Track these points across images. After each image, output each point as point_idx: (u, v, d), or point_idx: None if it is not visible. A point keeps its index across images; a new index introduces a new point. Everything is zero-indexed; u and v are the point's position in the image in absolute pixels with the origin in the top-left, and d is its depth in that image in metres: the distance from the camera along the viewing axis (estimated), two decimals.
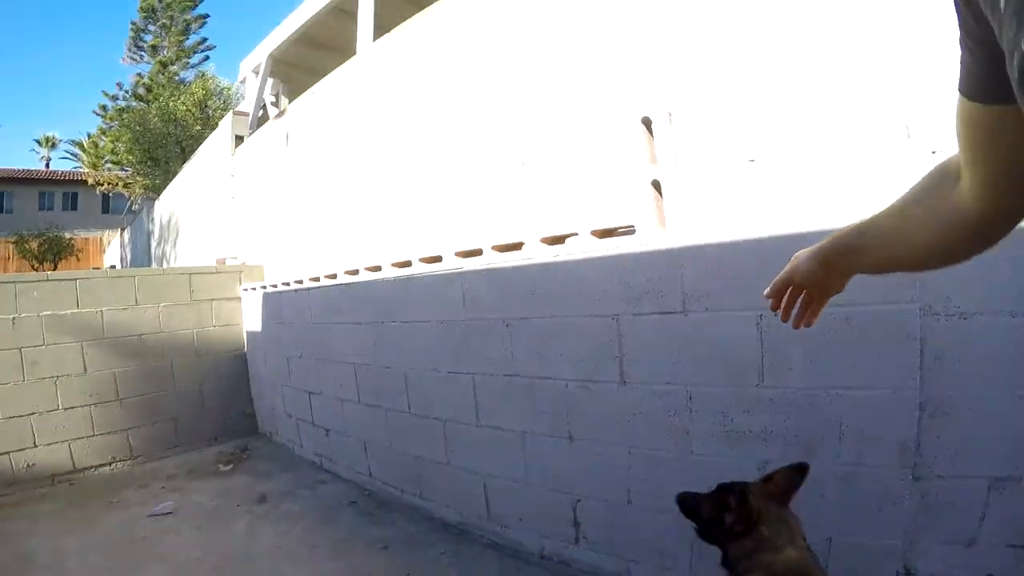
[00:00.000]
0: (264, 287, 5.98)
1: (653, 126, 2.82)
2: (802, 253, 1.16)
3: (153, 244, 14.29)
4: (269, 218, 7.11)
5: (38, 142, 43.19)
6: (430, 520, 3.99)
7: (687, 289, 2.51)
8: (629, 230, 2.89)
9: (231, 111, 8.63)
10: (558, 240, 3.24)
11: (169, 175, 15.31)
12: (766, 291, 1.22)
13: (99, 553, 4.14)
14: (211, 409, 6.43)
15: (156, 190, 15.90)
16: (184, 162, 13.91)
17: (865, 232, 1.04)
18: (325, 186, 5.96)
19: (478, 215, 4.17)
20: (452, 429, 3.74)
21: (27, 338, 5.61)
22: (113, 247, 21.51)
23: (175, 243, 12.05)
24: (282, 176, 6.75)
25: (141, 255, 15.93)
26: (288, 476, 5.24)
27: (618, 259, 2.73)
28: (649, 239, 2.74)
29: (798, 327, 1.22)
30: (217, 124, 15.19)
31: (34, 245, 19.76)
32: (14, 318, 5.55)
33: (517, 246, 3.43)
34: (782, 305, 1.21)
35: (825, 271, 1.12)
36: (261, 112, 7.71)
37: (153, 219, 14.58)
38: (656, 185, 2.80)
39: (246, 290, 6.41)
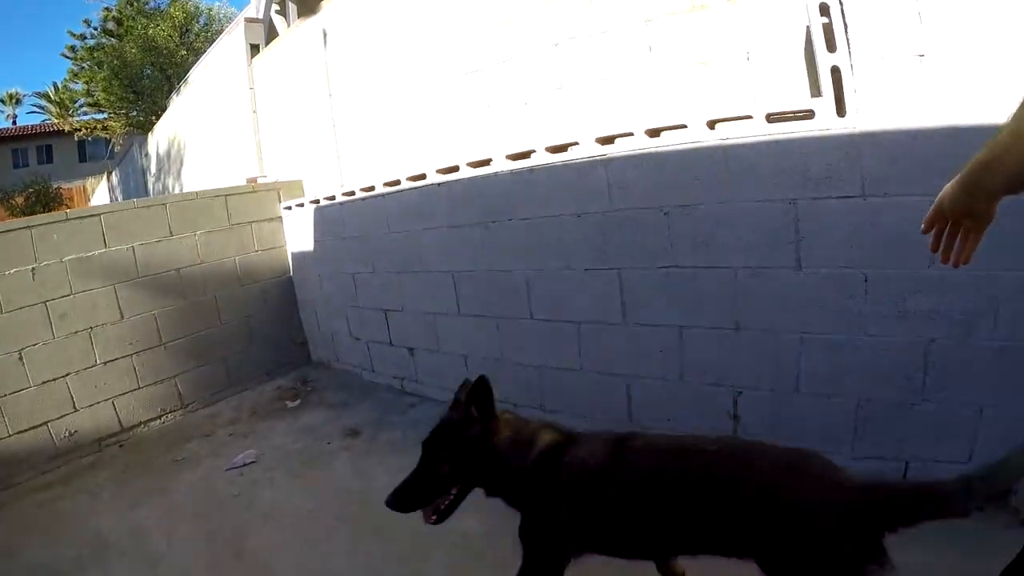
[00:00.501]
0: (316, 201, 5.27)
1: (830, 11, 2.69)
2: (947, 186, 1.18)
3: (150, 180, 13.25)
4: (306, 128, 6.30)
5: (1, 101, 41.21)
6: None
7: (866, 175, 2.50)
8: (807, 115, 2.74)
9: (242, 20, 7.61)
10: (725, 122, 2.97)
11: (156, 107, 14.33)
12: (922, 227, 1.26)
13: (186, 522, 3.55)
14: (260, 342, 5.79)
15: (141, 126, 14.94)
16: (171, 92, 12.96)
17: (998, 148, 1.07)
18: (387, 82, 5.23)
19: (620, 96, 3.69)
20: (589, 332, 3.49)
21: (52, 288, 4.84)
22: (101, 192, 20.33)
23: (178, 174, 11.03)
24: (321, 80, 5.93)
25: (136, 194, 14.85)
26: (369, 404, 4.73)
27: (797, 143, 2.67)
28: (829, 124, 2.66)
29: (957, 265, 1.22)
30: (202, 48, 14.26)
31: (20, 200, 18.63)
32: (33, 268, 4.75)
33: (679, 127, 3.05)
34: (940, 246, 1.24)
35: (969, 196, 1.13)
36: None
37: (147, 153, 13.46)
38: (835, 72, 2.67)
39: (289, 208, 5.68)
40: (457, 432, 1.91)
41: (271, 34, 7.33)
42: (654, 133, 3.11)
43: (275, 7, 7.01)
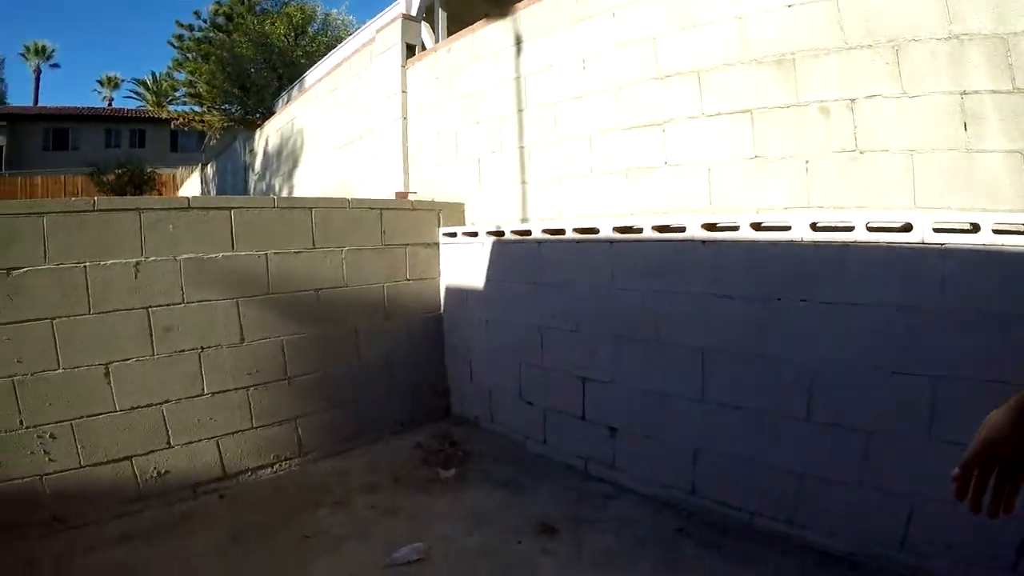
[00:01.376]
0: (499, 233, 4.41)
1: None
2: (996, 421, 1.03)
3: (252, 178, 12.53)
4: (475, 146, 5.40)
5: (100, 82, 43.00)
6: (804, 551, 3.00)
7: None
8: None
9: (400, 17, 6.81)
10: None
11: (262, 104, 14.02)
12: (954, 471, 1.07)
13: None
14: (399, 387, 4.87)
15: (243, 123, 14.51)
16: (280, 91, 12.60)
17: None
18: (601, 102, 4.27)
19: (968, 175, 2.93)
20: (880, 443, 2.91)
21: (158, 292, 3.94)
22: (191, 184, 19.94)
23: (289, 175, 10.18)
24: (507, 93, 5.02)
25: (233, 191, 14.23)
26: (549, 488, 3.76)
27: None
28: None
29: (996, 515, 1.02)
30: (317, 52, 13.88)
31: (112, 177, 18.34)
32: (138, 263, 3.86)
33: None
34: (969, 491, 1.04)
35: None
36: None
37: (252, 150, 12.73)
38: None
39: (452, 235, 4.85)
40: None
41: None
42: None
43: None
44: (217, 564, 3.30)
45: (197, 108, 17.22)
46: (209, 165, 18.10)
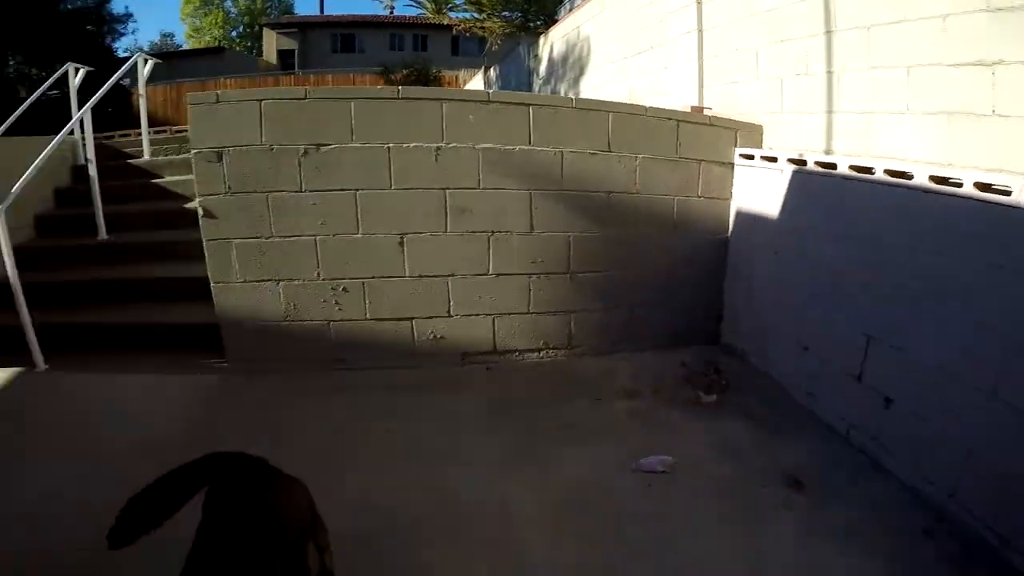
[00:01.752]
0: (800, 162, 3.99)
1: None
2: None
3: (537, 83, 12.80)
4: (782, 63, 4.89)
5: None
6: None
7: None
8: None
9: None
10: None
11: (544, 11, 13.94)
12: None
13: (572, 530, 2.84)
14: (676, 303, 4.84)
15: (526, 29, 14.70)
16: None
17: None
18: None
19: None
20: None
21: (455, 176, 4.32)
22: (474, 86, 20.98)
23: (575, 81, 10.23)
24: (816, 3, 4.41)
25: None
26: (807, 443, 3.49)
27: None
28: None
29: None
30: None
31: (399, 76, 19.64)
32: (439, 148, 4.24)
33: None
34: None
35: None
36: None
37: (537, 55, 12.97)
38: None
39: (749, 157, 4.52)
40: None
41: None
42: None
43: None
44: (472, 426, 3.70)
45: (477, 15, 17.76)
46: (492, 69, 18.64)
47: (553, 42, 11.55)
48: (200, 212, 4.26)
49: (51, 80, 7.47)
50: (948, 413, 2.95)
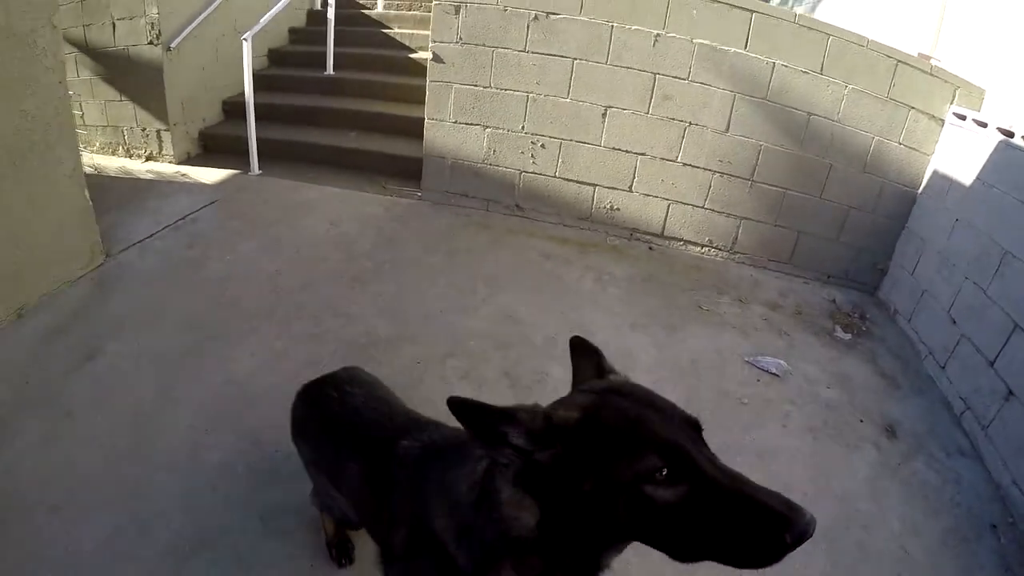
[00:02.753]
0: (1008, 133, 3.87)
1: None
2: None
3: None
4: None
5: None
6: None
7: None
8: None
9: None
10: None
11: None
12: None
13: (681, 387, 3.33)
14: (844, 241, 4.96)
15: None
16: None
17: None
18: None
19: None
20: None
21: (668, 65, 4.65)
22: None
23: (813, 6, 10.12)
24: None
25: None
26: (918, 406, 3.64)
27: None
28: None
29: None
30: None
31: None
32: (657, 35, 4.57)
33: None
34: None
35: None
36: None
37: None
38: None
39: (961, 117, 4.42)
40: None
41: None
42: None
43: None
44: (621, 286, 4.28)
45: None
46: None
47: None
48: (431, 55, 4.92)
49: None
50: None
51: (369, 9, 8.38)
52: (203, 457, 2.46)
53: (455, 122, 5.02)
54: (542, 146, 4.97)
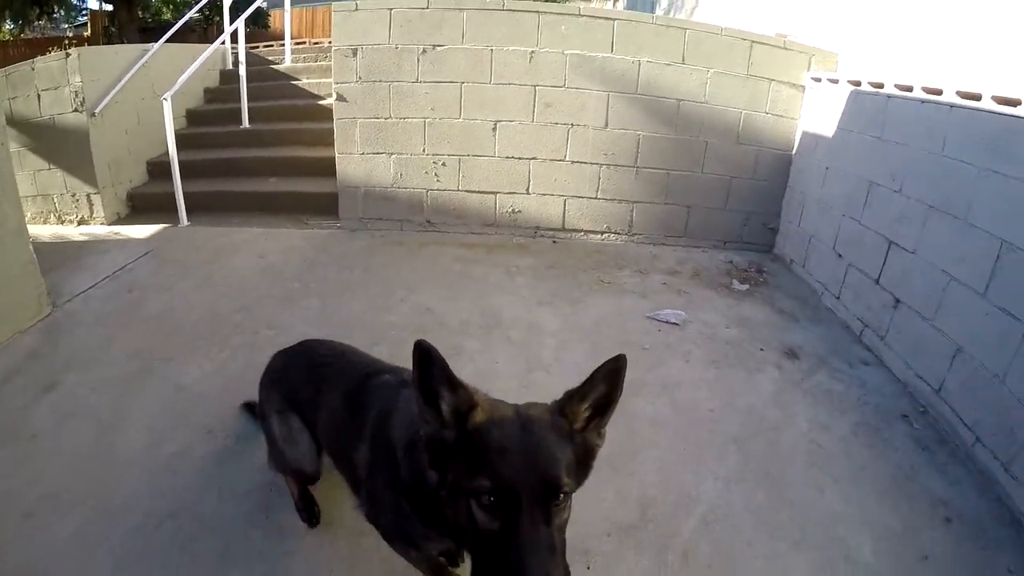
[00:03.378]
0: (856, 83, 4.60)
1: None
2: None
3: (659, 8, 13.48)
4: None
5: None
6: (1006, 504, 2.72)
7: None
8: None
9: None
10: None
11: None
12: None
13: (586, 345, 3.81)
14: (732, 209, 5.63)
15: None
16: None
17: None
18: None
19: None
20: None
21: (544, 76, 5.30)
22: (600, 6, 21.56)
23: (692, 11, 10.87)
24: None
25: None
26: (818, 332, 4.20)
27: None
28: None
29: None
30: None
31: None
32: (532, 52, 5.24)
33: None
34: None
35: None
36: None
37: None
38: None
39: (817, 80, 5.15)
40: None
41: None
42: None
43: None
44: (527, 275, 4.83)
45: None
46: None
47: None
48: (334, 95, 5.50)
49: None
50: (944, 312, 3.44)
51: (278, 64, 8.92)
52: (161, 450, 2.83)
53: (363, 153, 5.57)
54: (443, 164, 5.54)
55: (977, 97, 3.34)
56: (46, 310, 4.11)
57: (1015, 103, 3.07)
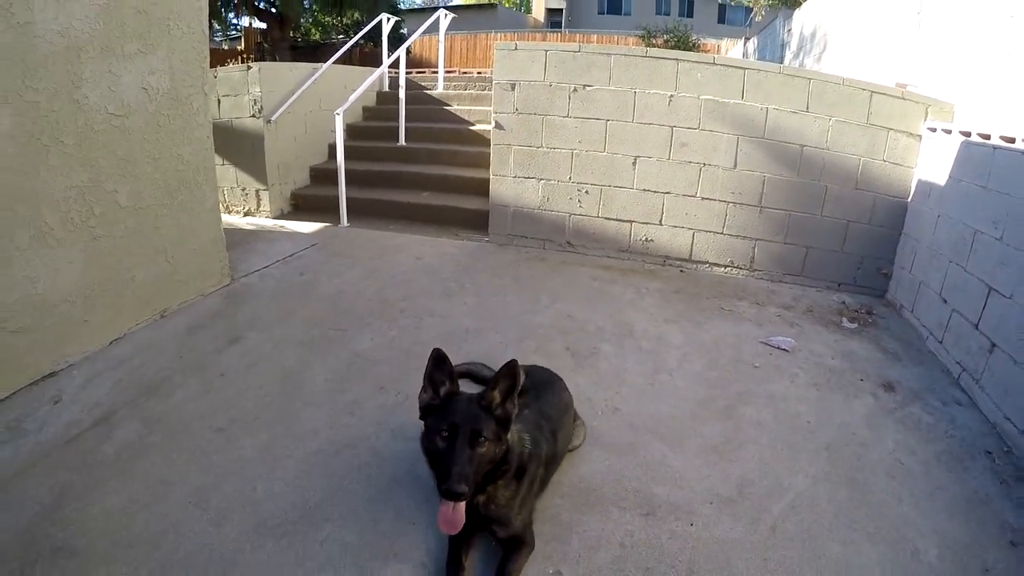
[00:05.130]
0: (967, 134, 4.90)
1: None
2: None
3: (788, 55, 13.83)
4: (978, 46, 5.90)
5: None
6: None
7: None
8: None
9: None
10: None
11: None
12: None
13: (704, 359, 4.34)
14: (849, 253, 6.00)
15: (787, 2, 15.53)
16: None
17: None
18: None
19: None
20: None
21: (682, 118, 5.91)
22: (733, 55, 21.93)
23: (819, 57, 11.32)
24: None
25: None
26: (917, 372, 4.51)
27: None
28: None
29: None
30: None
31: (660, 41, 21.04)
32: (671, 96, 5.87)
33: None
34: None
35: None
36: None
37: (790, 29, 14.08)
38: None
39: (933, 130, 5.49)
40: None
41: None
42: None
43: None
44: (655, 296, 5.40)
45: None
46: (751, 39, 19.61)
47: (804, 18, 12.67)
48: (493, 124, 6.34)
49: (370, 26, 10.59)
50: None
51: (430, 90, 9.95)
52: (339, 398, 3.53)
53: (515, 177, 6.37)
54: (586, 192, 6.26)
55: None
56: (226, 280, 5.07)
57: None
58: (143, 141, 4.26)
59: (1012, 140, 4.29)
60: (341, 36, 26.91)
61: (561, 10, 40.53)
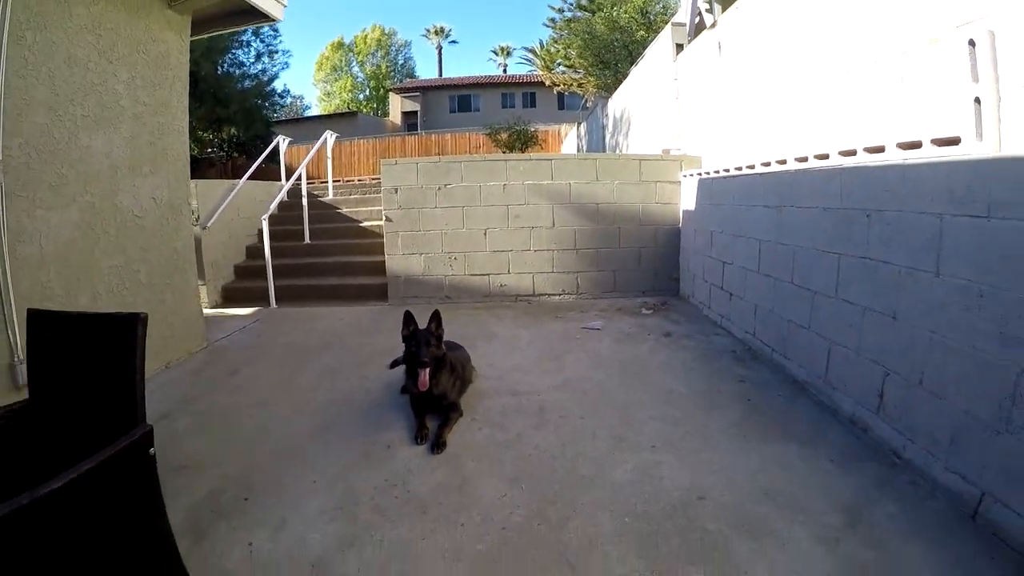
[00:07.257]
0: (700, 174, 7.38)
1: (976, 47, 3.18)
2: None
3: (607, 136, 16.67)
4: (705, 116, 8.61)
5: (495, 52, 51.39)
6: (783, 374, 5.01)
7: (992, 197, 2.77)
8: (954, 141, 3.26)
9: (670, 23, 10.20)
10: (912, 146, 3.63)
11: (618, 75, 17.18)
12: None
13: (543, 341, 6.58)
14: (644, 269, 8.45)
15: (607, 89, 17.96)
16: (631, 64, 15.59)
17: None
18: (748, 89, 7.10)
19: (855, 120, 4.83)
20: (818, 300, 4.47)
21: (513, 198, 8.34)
22: (570, 139, 25.07)
23: (627, 135, 14.24)
24: (715, 80, 8.14)
25: (596, 145, 18.75)
26: (692, 326, 6.91)
27: (944, 166, 3.10)
28: (967, 150, 3.21)
29: None
30: (660, 28, 16.57)
31: (504, 136, 23.21)
32: (505, 184, 8.33)
33: (879, 149, 3.94)
34: None
35: None
36: (697, 20, 9.43)
37: (607, 114, 16.91)
38: (977, 101, 3.19)
39: (685, 176, 8.02)
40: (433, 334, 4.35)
41: (699, 29, 9.33)
42: (870, 151, 4.00)
43: (704, 5, 9.06)
44: (509, 318, 7.67)
45: (575, 75, 20.89)
46: (583, 124, 22.77)
47: (614, 105, 15.84)
48: (384, 218, 8.57)
49: (271, 147, 12.43)
50: (749, 290, 5.85)
51: (323, 197, 12.12)
52: (323, 384, 5.26)
53: (403, 254, 8.54)
54: (455, 258, 8.51)
55: (752, 166, 6.07)
56: (204, 344, 6.55)
57: (750, 167, 6.01)
58: (154, 236, 5.68)
59: (718, 172, 6.92)
60: (217, 151, 28.51)
61: (416, 112, 43.14)
